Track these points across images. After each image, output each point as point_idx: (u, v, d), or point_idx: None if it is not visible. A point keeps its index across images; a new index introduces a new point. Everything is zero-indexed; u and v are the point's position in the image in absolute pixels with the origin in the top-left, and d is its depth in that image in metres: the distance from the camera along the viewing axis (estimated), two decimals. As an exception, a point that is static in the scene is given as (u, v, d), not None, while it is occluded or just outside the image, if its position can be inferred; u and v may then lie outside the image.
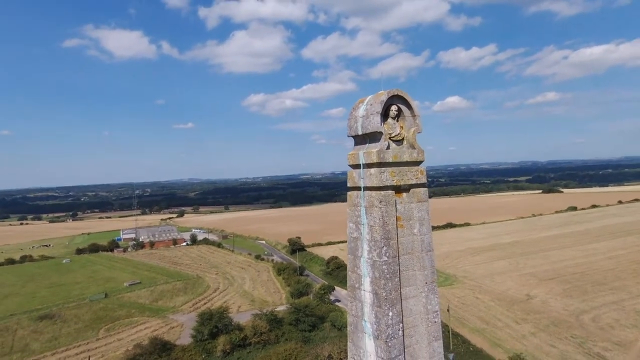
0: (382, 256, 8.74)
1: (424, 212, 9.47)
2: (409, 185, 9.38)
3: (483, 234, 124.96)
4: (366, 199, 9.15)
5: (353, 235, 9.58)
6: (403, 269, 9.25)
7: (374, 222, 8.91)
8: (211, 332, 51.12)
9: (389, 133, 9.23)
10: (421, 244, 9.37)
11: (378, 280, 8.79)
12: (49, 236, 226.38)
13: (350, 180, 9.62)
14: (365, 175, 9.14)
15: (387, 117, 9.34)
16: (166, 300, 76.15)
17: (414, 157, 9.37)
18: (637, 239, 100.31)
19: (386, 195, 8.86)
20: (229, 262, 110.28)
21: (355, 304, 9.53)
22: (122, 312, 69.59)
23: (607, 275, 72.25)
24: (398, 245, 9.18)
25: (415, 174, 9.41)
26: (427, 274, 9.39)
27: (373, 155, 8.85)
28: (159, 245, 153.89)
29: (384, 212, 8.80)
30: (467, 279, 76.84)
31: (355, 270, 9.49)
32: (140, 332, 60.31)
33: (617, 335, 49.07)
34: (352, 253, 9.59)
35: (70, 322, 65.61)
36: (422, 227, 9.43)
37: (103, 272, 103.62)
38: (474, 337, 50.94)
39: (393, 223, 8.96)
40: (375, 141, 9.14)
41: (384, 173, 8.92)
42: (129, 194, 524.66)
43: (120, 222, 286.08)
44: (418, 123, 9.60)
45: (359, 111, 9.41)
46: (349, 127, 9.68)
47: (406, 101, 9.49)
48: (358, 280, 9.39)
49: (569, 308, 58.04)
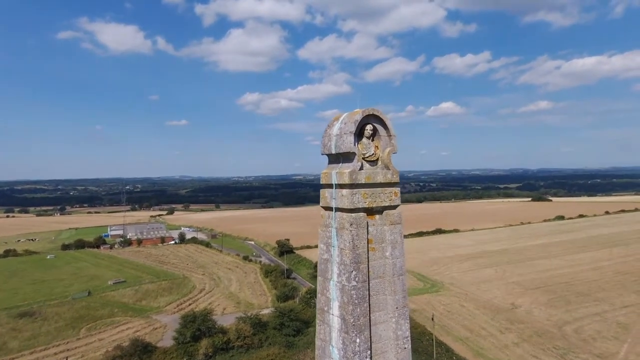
0: (351, 281, 8.48)
1: (396, 235, 9.24)
2: (382, 207, 9.15)
3: (471, 241, 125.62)
4: (337, 221, 8.88)
5: (323, 256, 9.31)
6: (373, 293, 9.01)
7: (344, 245, 8.65)
8: (193, 334, 50.48)
9: (362, 153, 8.98)
10: (393, 267, 9.13)
11: (346, 306, 8.53)
12: (35, 230, 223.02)
13: (323, 200, 9.35)
14: (337, 196, 8.88)
15: (362, 137, 9.11)
16: (150, 300, 75.20)
17: (388, 178, 9.14)
18: (622, 250, 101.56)
19: (357, 217, 8.61)
20: (217, 263, 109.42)
21: (323, 328, 9.26)
22: (105, 312, 68.52)
23: (591, 286, 72.92)
24: (369, 269, 8.93)
25: (388, 195, 9.18)
26: (398, 299, 9.16)
27: (345, 176, 8.59)
28: (147, 243, 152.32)
29: (355, 235, 8.54)
30: (453, 286, 77.03)
31: (324, 292, 9.22)
32: (122, 333, 59.40)
33: (598, 347, 49.43)
34: (322, 275, 9.32)
35: (51, 321, 64.42)
36: (395, 250, 9.19)
37: (88, 269, 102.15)
38: (457, 346, 50.96)
39: (364, 246, 8.71)
40: (348, 161, 8.89)
41: (356, 195, 8.67)
42: (119, 189, 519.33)
43: (109, 217, 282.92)
44: (394, 143, 9.37)
45: (334, 129, 9.16)
46: (322, 145, 9.42)
47: (382, 121, 9.26)
48: (327, 304, 9.12)
49: (553, 318, 58.40)
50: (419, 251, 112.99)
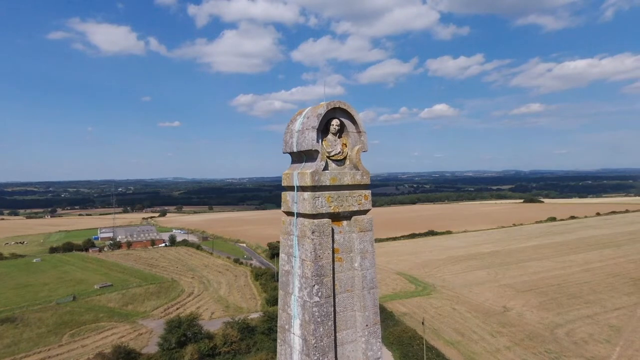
0: (313, 296, 7.47)
1: (366, 244, 8.23)
2: (349, 213, 8.14)
3: (464, 243, 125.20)
4: (299, 228, 7.87)
5: (285, 268, 8.29)
6: (340, 309, 8.00)
7: (306, 255, 7.64)
8: (179, 340, 49.13)
9: (327, 152, 7.98)
10: (362, 280, 8.12)
11: (307, 325, 7.51)
12: (24, 233, 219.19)
13: (284, 204, 8.34)
14: (299, 200, 7.86)
15: (327, 133, 8.12)
16: (137, 305, 73.53)
17: (357, 179, 8.15)
18: (613, 251, 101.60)
19: (320, 224, 7.59)
20: (207, 265, 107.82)
21: (284, 349, 8.23)
22: (89, 317, 66.78)
23: (582, 288, 72.57)
24: (334, 282, 7.92)
25: (357, 199, 8.18)
26: (369, 315, 8.15)
27: (307, 177, 7.58)
28: (137, 246, 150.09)
29: (317, 245, 7.52)
30: (445, 289, 76.31)
31: (285, 309, 8.20)
32: (106, 339, 57.77)
33: (590, 351, 48.85)
34: (283, 289, 8.30)
35: (33, 327, 62.59)
36: (364, 260, 8.19)
37: (74, 273, 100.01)
38: (448, 350, 50.11)
39: (328, 257, 7.70)
40: (312, 160, 7.89)
41: (319, 198, 7.66)
42: (112, 191, 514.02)
43: (100, 219, 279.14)
44: (364, 140, 8.37)
45: (295, 125, 8.15)
46: (284, 142, 8.41)
47: (350, 115, 8.26)
48: (288, 321, 8.09)
49: (544, 321, 57.81)
50: (411, 253, 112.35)
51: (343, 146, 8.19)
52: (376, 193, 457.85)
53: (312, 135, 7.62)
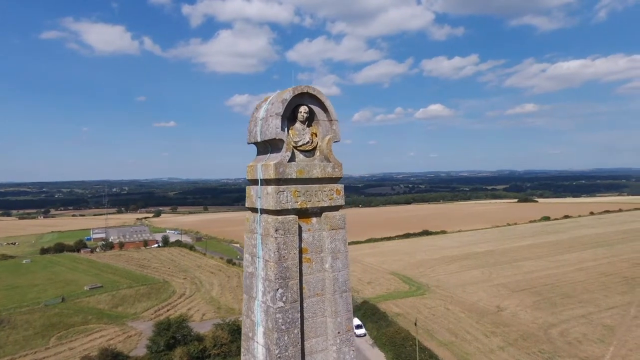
0: (277, 301, 6.72)
1: (338, 243, 7.50)
2: (319, 208, 7.40)
3: (458, 243, 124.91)
4: (262, 225, 7.13)
5: (248, 269, 7.55)
6: (309, 315, 7.25)
7: (269, 255, 6.89)
8: (168, 343, 48.18)
9: (294, 141, 7.23)
10: (334, 282, 7.38)
11: (271, 333, 6.76)
12: (16, 233, 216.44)
13: (248, 199, 7.59)
14: (262, 195, 7.12)
15: (295, 121, 7.39)
16: (127, 306, 72.38)
17: (327, 172, 7.40)
18: (606, 250, 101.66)
19: (285, 221, 6.85)
20: (200, 266, 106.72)
21: (247, 359, 7.48)
22: (78, 319, 65.59)
23: (576, 287, 72.33)
24: (302, 285, 7.18)
25: (328, 193, 7.44)
26: (341, 321, 7.41)
27: (270, 169, 6.84)
28: (129, 246, 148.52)
29: (281, 244, 6.78)
30: (439, 289, 75.80)
31: (249, 315, 7.45)
32: (94, 341, 56.67)
33: (584, 351, 48.45)
34: (247, 292, 7.55)
35: (20, 329, 61.34)
36: (336, 261, 7.45)
37: (64, 274, 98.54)
38: (441, 351, 49.51)
39: (294, 257, 6.96)
40: (277, 151, 7.15)
41: (284, 193, 6.91)
42: (105, 191, 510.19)
43: (93, 220, 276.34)
44: (335, 129, 7.64)
45: (260, 112, 7.40)
46: (248, 131, 7.66)
47: (321, 102, 7.53)
48: (252, 329, 7.34)
49: (538, 321, 57.40)
50: (405, 253, 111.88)
51: (313, 136, 7.47)
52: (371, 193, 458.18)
53: (276, 123, 6.88)
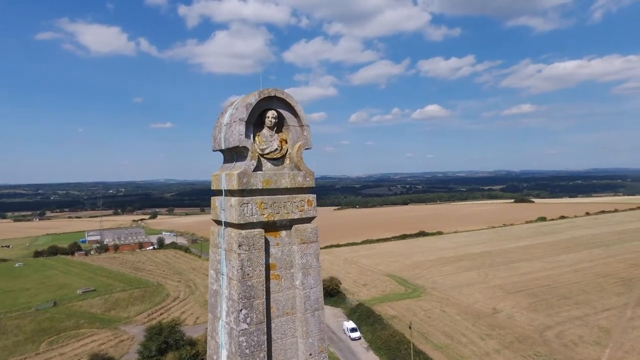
0: (240, 323, 6.17)
1: (310, 257, 6.96)
2: (289, 221, 6.85)
3: (454, 244, 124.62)
4: (226, 240, 6.60)
5: (213, 287, 7.00)
6: (277, 336, 6.71)
7: (232, 273, 6.34)
8: (159, 348, 47.44)
9: (261, 149, 6.68)
10: (305, 300, 6.83)
11: (234, 357, 6.21)
12: (10, 236, 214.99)
13: (213, 211, 7.05)
14: (226, 207, 6.58)
15: (262, 127, 6.86)
16: (120, 310, 71.56)
17: (298, 182, 6.86)
18: (603, 251, 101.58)
19: (249, 236, 6.30)
20: (194, 269, 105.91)
21: (212, 384, 6.93)
22: (70, 323, 64.72)
23: (572, 288, 72.07)
24: (269, 304, 6.64)
25: (299, 205, 6.89)
26: (313, 342, 6.87)
27: (233, 179, 6.29)
28: (124, 249, 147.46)
29: (245, 261, 6.24)
30: (435, 291, 75.38)
31: (214, 336, 6.90)
32: (85, 346, 55.88)
33: (580, 353, 48.10)
34: (212, 312, 7.01)
35: (10, 334, 60.42)
36: (307, 277, 6.90)
37: (57, 277, 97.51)
38: (437, 354, 49.05)
39: (260, 275, 6.41)
40: (242, 159, 6.62)
41: (249, 205, 6.36)
42: (100, 193, 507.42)
43: (89, 222, 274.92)
44: (307, 136, 7.09)
45: (225, 117, 6.87)
46: (212, 138, 7.12)
47: (290, 106, 7.01)
48: (216, 351, 6.80)
49: (534, 323, 57.04)
50: (401, 254, 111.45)
51: (282, 142, 6.92)
52: (369, 194, 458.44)
53: (240, 129, 6.34)
